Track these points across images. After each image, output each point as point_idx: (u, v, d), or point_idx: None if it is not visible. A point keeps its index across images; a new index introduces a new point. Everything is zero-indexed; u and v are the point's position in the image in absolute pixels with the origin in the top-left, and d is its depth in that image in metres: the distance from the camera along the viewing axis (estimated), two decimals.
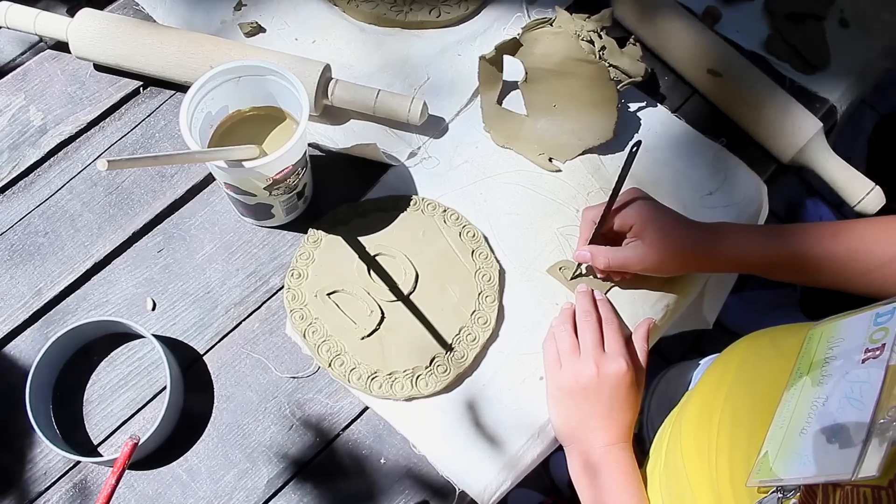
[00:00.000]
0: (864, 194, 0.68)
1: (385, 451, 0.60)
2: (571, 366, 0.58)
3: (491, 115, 0.72)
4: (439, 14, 0.76)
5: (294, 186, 0.62)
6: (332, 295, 0.63)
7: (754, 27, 0.80)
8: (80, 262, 0.65)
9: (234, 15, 0.76)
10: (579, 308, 0.62)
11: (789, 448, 0.37)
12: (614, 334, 0.60)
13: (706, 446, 0.46)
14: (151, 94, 0.73)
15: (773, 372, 0.45)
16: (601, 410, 0.57)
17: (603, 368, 0.57)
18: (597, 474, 0.55)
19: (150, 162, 0.46)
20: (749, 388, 0.47)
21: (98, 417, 0.60)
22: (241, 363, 0.62)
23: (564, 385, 0.58)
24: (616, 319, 0.62)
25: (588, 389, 0.57)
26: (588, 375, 0.57)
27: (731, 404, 0.47)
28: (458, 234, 0.66)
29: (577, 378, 0.58)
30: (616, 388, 0.57)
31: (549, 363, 0.61)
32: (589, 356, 0.58)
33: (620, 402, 0.57)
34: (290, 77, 0.58)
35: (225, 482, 0.59)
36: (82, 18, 0.70)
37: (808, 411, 0.37)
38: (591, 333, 0.59)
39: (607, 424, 0.57)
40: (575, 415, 0.58)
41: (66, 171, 0.69)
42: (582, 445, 0.57)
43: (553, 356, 0.61)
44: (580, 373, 0.58)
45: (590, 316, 0.61)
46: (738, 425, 0.44)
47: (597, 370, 0.57)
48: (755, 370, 0.49)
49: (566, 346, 0.60)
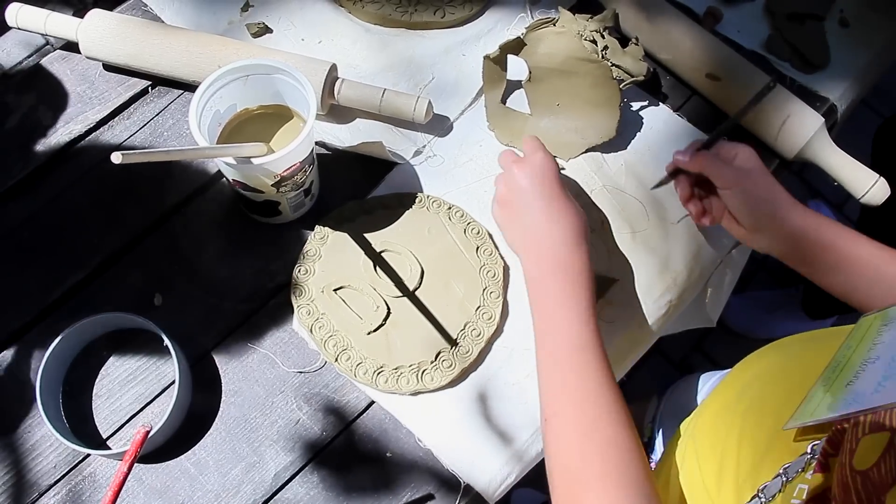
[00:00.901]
0: (870, 186, 0.68)
1: (391, 445, 0.61)
2: (500, 182, 0.61)
3: (495, 114, 0.73)
4: (444, 15, 0.77)
5: (301, 183, 0.62)
6: (339, 291, 0.64)
7: (755, 27, 0.80)
8: (89, 258, 0.66)
9: (242, 16, 0.77)
10: None
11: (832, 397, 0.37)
12: (529, 140, 0.62)
13: (720, 451, 0.46)
14: (160, 93, 0.74)
15: (808, 366, 0.44)
16: (542, 204, 0.57)
17: (524, 166, 0.59)
18: (550, 278, 0.55)
19: (161, 156, 0.47)
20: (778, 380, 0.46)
21: (107, 411, 0.61)
22: (249, 358, 0.63)
23: (499, 197, 0.60)
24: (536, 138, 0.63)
25: (519, 189, 0.58)
26: (513, 177, 0.59)
27: (758, 398, 0.46)
28: (463, 231, 0.67)
29: (506, 186, 0.60)
30: (545, 179, 0.58)
31: (492, 200, 0.62)
32: (509, 165, 0.60)
33: (553, 192, 0.58)
34: (297, 75, 0.59)
35: (232, 475, 0.59)
36: (92, 19, 0.71)
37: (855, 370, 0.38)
38: (506, 155, 0.62)
39: (552, 218, 0.57)
40: (519, 222, 0.59)
41: (75, 169, 0.70)
42: (535, 252, 0.57)
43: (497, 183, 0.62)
44: (508, 180, 0.60)
45: (505, 151, 0.63)
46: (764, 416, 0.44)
47: (519, 170, 0.59)
48: (786, 365, 0.48)
49: (498, 179, 0.62)
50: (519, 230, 0.59)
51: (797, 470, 0.37)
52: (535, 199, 0.58)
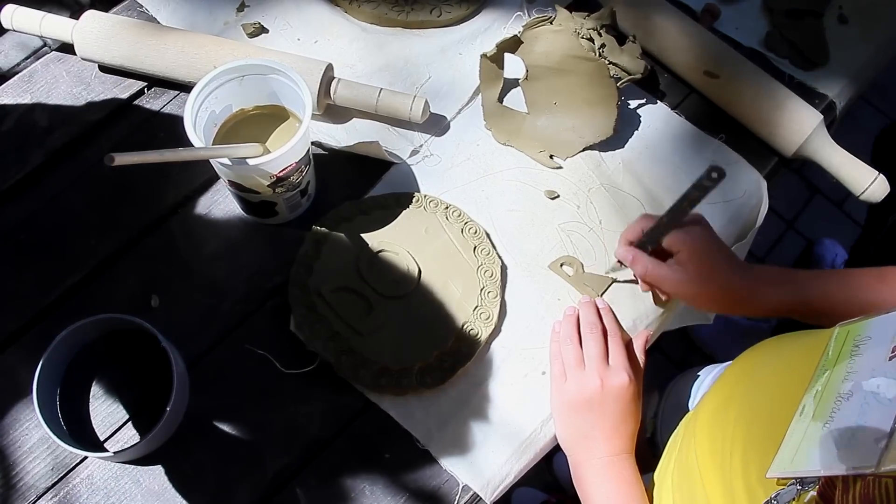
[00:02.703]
0: (869, 183, 0.68)
1: (389, 446, 0.61)
2: (577, 379, 0.59)
3: (492, 113, 0.72)
4: (440, 14, 0.77)
5: (297, 184, 0.62)
6: (336, 291, 0.64)
7: (753, 24, 0.80)
8: (85, 260, 0.66)
9: (237, 16, 0.77)
10: (584, 320, 0.62)
11: (812, 441, 0.37)
12: (618, 347, 0.61)
13: (720, 445, 0.45)
14: (155, 94, 0.74)
15: (793, 371, 0.44)
16: (606, 422, 0.58)
17: (607, 381, 0.58)
18: (600, 483, 0.56)
19: (156, 158, 0.47)
20: (766, 387, 0.46)
21: (104, 413, 0.61)
22: (246, 360, 0.63)
23: (569, 397, 0.59)
24: (619, 330, 0.63)
25: (592, 402, 0.58)
26: (592, 388, 0.58)
27: (748, 403, 0.46)
28: (461, 231, 0.67)
29: (581, 391, 0.58)
30: (619, 400, 0.58)
31: (555, 375, 0.61)
32: (593, 369, 0.59)
33: (624, 414, 0.58)
34: (292, 75, 0.58)
35: (230, 477, 0.59)
36: (87, 20, 0.70)
37: (831, 406, 0.37)
38: (596, 346, 0.60)
39: (611, 435, 0.58)
40: (580, 426, 0.59)
41: (71, 170, 0.70)
42: (586, 455, 0.58)
43: (559, 369, 0.61)
44: (585, 386, 0.58)
45: (595, 328, 0.61)
46: (755, 423, 0.44)
47: (601, 383, 0.58)
48: (773, 370, 0.48)
49: (571, 360, 0.60)
50: (577, 434, 0.59)
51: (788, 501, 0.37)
52: (603, 416, 0.58)
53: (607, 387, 0.58)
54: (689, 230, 0.60)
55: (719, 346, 1.39)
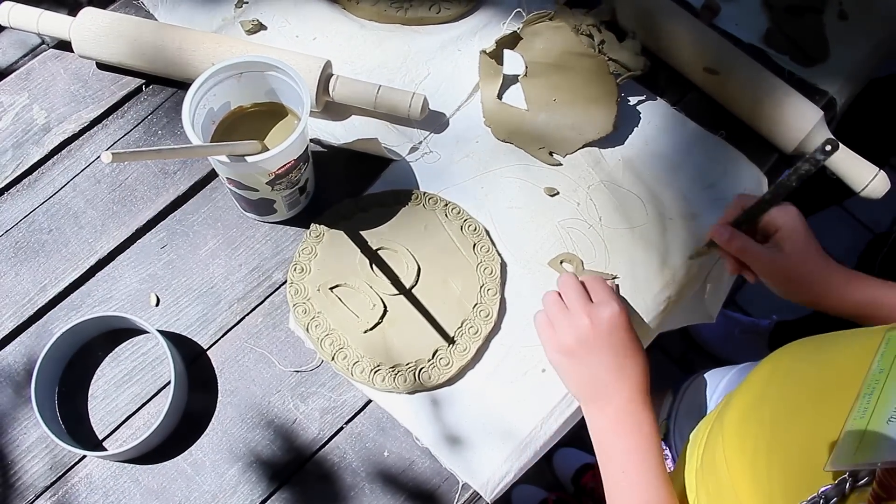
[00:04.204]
0: (870, 179, 0.68)
1: (388, 444, 0.60)
2: (564, 324, 0.57)
3: (491, 110, 0.72)
4: (439, 10, 0.77)
5: (296, 181, 0.62)
6: (335, 289, 0.63)
7: (753, 20, 0.80)
8: (84, 258, 0.66)
9: (236, 13, 0.77)
10: (560, 280, 0.61)
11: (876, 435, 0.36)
12: (597, 283, 0.59)
13: (752, 444, 0.44)
14: (154, 91, 0.73)
15: (837, 372, 0.44)
16: (609, 360, 0.56)
17: (595, 316, 0.56)
18: (616, 436, 0.54)
19: (153, 155, 0.47)
20: (806, 388, 0.45)
21: (103, 412, 0.61)
22: (245, 358, 0.63)
23: (563, 345, 0.57)
24: (600, 277, 0.61)
25: (588, 341, 0.56)
26: (583, 326, 0.56)
27: (785, 403, 0.45)
28: (460, 228, 0.66)
29: (573, 333, 0.56)
30: (613, 333, 0.56)
31: (542, 329, 0.59)
32: (578, 309, 0.57)
33: (624, 347, 0.56)
34: (291, 72, 0.58)
35: (229, 476, 0.59)
36: (85, 17, 0.70)
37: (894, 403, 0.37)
38: (575, 289, 0.58)
39: (620, 375, 0.56)
40: (585, 372, 0.57)
41: (69, 168, 0.69)
42: (599, 404, 0.56)
43: (544, 322, 0.59)
44: (574, 326, 0.56)
45: (569, 278, 0.60)
46: (795, 422, 0.43)
47: (590, 319, 0.56)
48: (813, 371, 0.47)
49: (554, 308, 0.59)
50: (585, 380, 0.57)
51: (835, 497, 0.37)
52: (603, 353, 0.56)
53: (597, 320, 0.56)
54: (787, 210, 0.59)
55: (719, 344, 1.39)
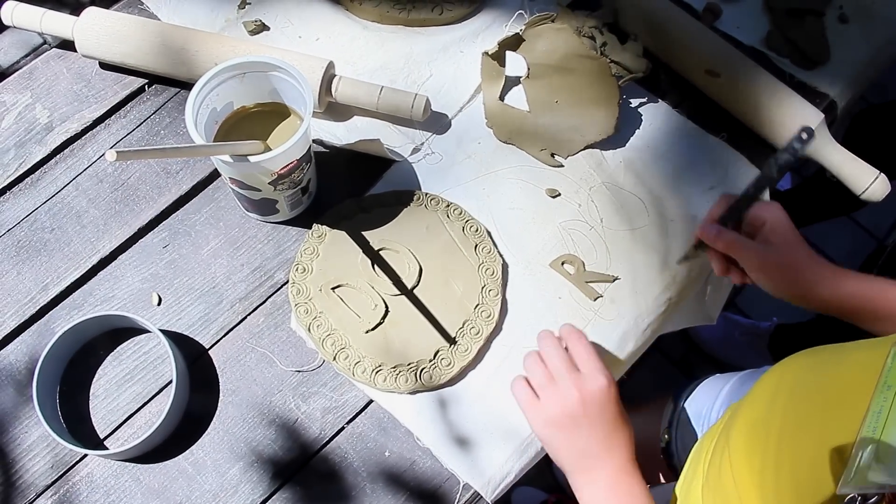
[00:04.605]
0: (870, 182, 0.68)
1: (390, 444, 0.60)
2: (552, 396, 0.55)
3: (493, 111, 0.72)
4: (442, 12, 0.77)
5: (298, 181, 0.62)
6: (337, 289, 0.63)
7: (754, 23, 0.80)
8: (86, 257, 0.66)
9: (239, 13, 0.77)
10: (538, 340, 0.59)
11: (885, 456, 0.36)
12: (583, 349, 0.56)
13: (760, 459, 0.44)
14: (156, 91, 0.73)
15: (844, 387, 0.43)
16: (599, 433, 0.54)
17: (584, 388, 0.54)
18: None
19: (156, 154, 0.47)
20: (814, 403, 0.44)
21: (104, 411, 0.61)
22: (247, 357, 0.63)
23: (552, 418, 0.55)
24: (577, 333, 0.58)
25: (575, 415, 0.54)
26: (571, 399, 0.54)
27: (794, 418, 0.45)
28: (462, 229, 0.66)
29: (562, 407, 0.54)
30: (603, 406, 0.54)
31: (525, 399, 0.56)
32: (565, 380, 0.54)
33: (613, 421, 0.54)
34: (294, 72, 0.58)
35: (231, 475, 0.59)
36: (88, 17, 0.70)
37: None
38: (559, 357, 0.56)
39: (607, 446, 0.54)
40: (573, 445, 0.55)
41: (72, 167, 0.70)
42: (587, 477, 0.55)
43: (527, 394, 0.56)
44: (563, 399, 0.54)
45: (549, 339, 0.57)
46: (804, 438, 0.42)
47: (578, 392, 0.54)
48: (820, 386, 0.46)
49: (540, 378, 0.56)
50: (573, 453, 0.55)
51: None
52: (593, 427, 0.54)
53: (586, 393, 0.54)
54: (770, 204, 0.59)
55: (720, 346, 1.39)
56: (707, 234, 0.59)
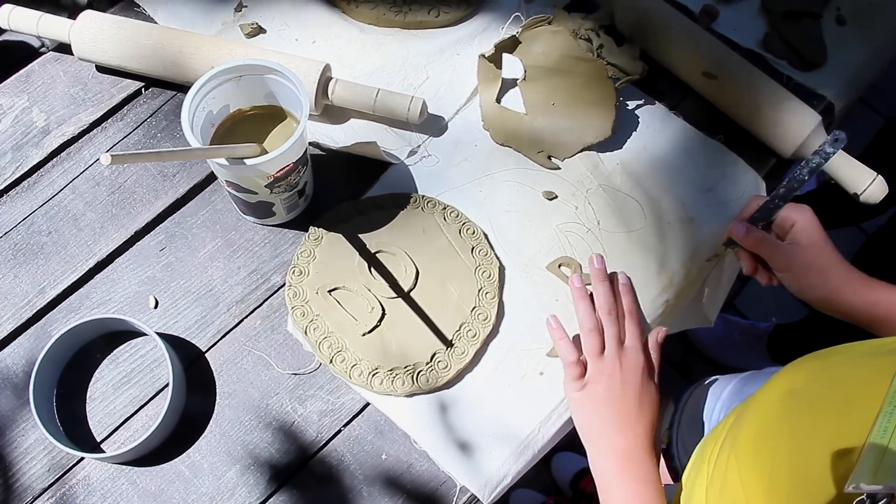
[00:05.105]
0: (867, 184, 0.68)
1: (386, 447, 0.60)
2: (597, 370, 0.58)
3: (490, 114, 0.72)
4: (438, 14, 0.77)
5: (295, 184, 0.62)
6: (333, 292, 0.63)
7: (751, 25, 0.80)
8: (82, 260, 0.66)
9: (235, 16, 0.77)
10: (602, 301, 0.61)
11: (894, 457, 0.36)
12: (634, 327, 0.60)
13: (770, 462, 0.44)
14: (153, 94, 0.73)
15: (858, 382, 0.43)
16: (623, 406, 0.57)
17: (627, 366, 0.58)
18: (621, 481, 0.55)
19: (152, 157, 0.47)
20: (825, 407, 0.44)
21: (101, 414, 0.61)
22: (243, 360, 0.63)
23: (591, 392, 0.58)
24: (637, 311, 0.62)
25: (614, 391, 0.57)
26: (616, 380, 0.57)
27: (805, 423, 0.44)
28: (458, 232, 0.66)
29: (604, 382, 0.58)
30: (634, 382, 0.58)
31: (570, 363, 0.59)
32: (612, 355, 0.58)
33: (640, 396, 0.57)
34: (290, 75, 0.58)
35: (227, 478, 0.59)
36: (84, 20, 0.70)
37: None
38: (613, 331, 0.60)
39: (629, 421, 0.57)
40: (599, 416, 0.58)
41: (68, 171, 0.70)
42: (605, 444, 0.57)
43: (573, 355, 0.59)
44: (607, 376, 0.58)
45: (612, 311, 0.61)
46: (816, 443, 0.42)
47: (621, 373, 0.58)
48: (832, 390, 0.46)
49: (591, 347, 0.59)
50: (596, 424, 0.58)
51: None
52: (622, 404, 0.57)
53: (626, 371, 0.58)
54: (801, 207, 0.60)
55: (718, 348, 1.39)
56: (737, 232, 0.61)
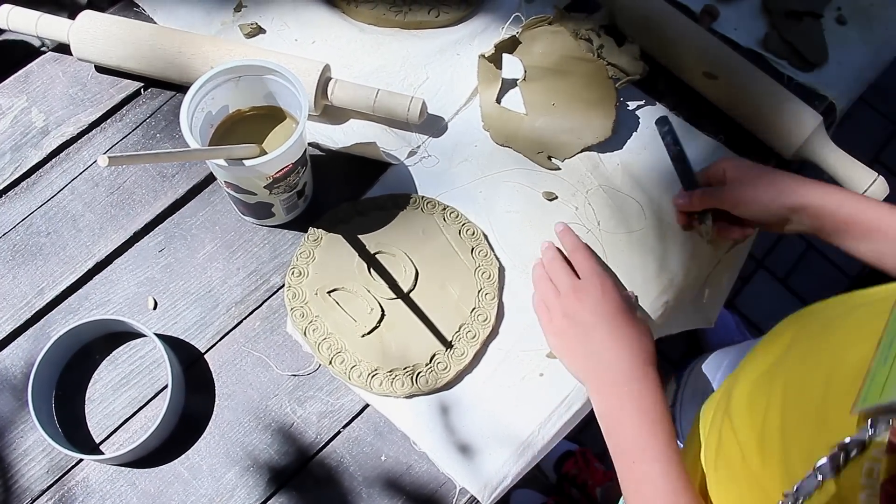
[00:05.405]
0: (868, 184, 0.68)
1: (386, 449, 0.60)
2: (557, 307, 0.59)
3: (490, 114, 0.72)
4: (438, 14, 0.77)
5: (294, 185, 0.62)
6: (333, 293, 0.63)
7: (752, 25, 0.80)
8: (81, 261, 0.66)
9: (235, 16, 0.77)
10: (545, 258, 0.63)
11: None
12: (581, 257, 0.61)
13: (762, 416, 0.42)
14: (152, 95, 0.73)
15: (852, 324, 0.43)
16: (604, 335, 0.56)
17: (582, 290, 0.59)
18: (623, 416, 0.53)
19: (150, 159, 0.47)
20: (818, 355, 0.44)
21: (100, 416, 0.61)
22: (242, 361, 0.63)
23: (559, 329, 0.59)
24: (580, 244, 0.63)
25: (577, 318, 0.58)
26: (575, 307, 0.58)
27: (798, 371, 0.44)
28: (458, 232, 0.66)
29: (565, 314, 0.59)
30: (602, 303, 0.57)
31: (540, 315, 0.62)
32: (567, 290, 0.59)
33: (616, 317, 0.57)
34: (289, 76, 0.58)
35: (226, 480, 0.59)
36: (83, 20, 0.70)
37: None
38: (562, 270, 0.61)
39: (618, 347, 0.56)
40: (581, 352, 0.57)
41: (67, 171, 0.69)
42: (598, 381, 0.56)
43: (541, 307, 0.61)
44: (566, 308, 0.59)
45: (555, 258, 0.63)
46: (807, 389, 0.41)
47: (577, 297, 0.58)
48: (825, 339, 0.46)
49: (546, 294, 0.61)
50: (581, 359, 0.57)
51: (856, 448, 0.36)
52: (596, 328, 0.57)
53: (584, 296, 0.58)
54: (719, 158, 0.64)
55: (721, 345, 1.38)
56: (683, 203, 0.64)
